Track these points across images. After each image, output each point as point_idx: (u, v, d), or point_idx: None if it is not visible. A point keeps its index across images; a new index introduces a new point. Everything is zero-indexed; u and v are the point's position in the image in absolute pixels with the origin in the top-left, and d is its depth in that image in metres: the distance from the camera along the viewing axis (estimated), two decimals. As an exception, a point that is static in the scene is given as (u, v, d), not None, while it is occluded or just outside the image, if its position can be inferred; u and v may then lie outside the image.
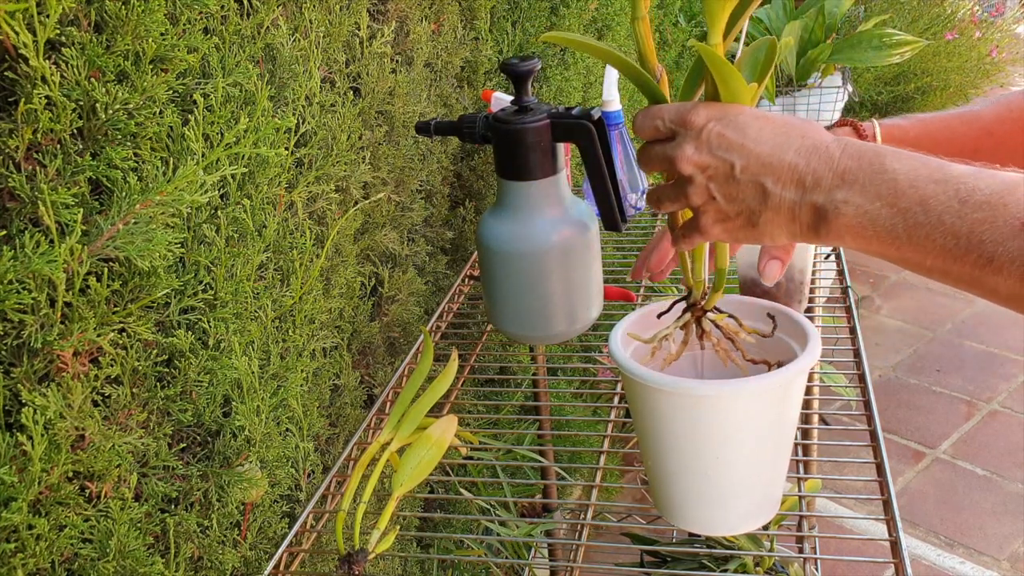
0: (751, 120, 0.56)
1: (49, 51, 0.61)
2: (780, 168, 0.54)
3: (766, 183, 0.55)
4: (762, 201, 0.55)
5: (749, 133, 0.55)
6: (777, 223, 0.56)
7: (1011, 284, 0.48)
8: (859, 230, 0.52)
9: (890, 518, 0.77)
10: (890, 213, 0.51)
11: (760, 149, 0.55)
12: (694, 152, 0.57)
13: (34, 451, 0.60)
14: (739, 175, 0.55)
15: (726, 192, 0.56)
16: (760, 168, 0.55)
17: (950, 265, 0.50)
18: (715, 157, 0.56)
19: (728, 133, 0.56)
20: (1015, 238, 0.47)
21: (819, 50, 2.36)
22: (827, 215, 0.53)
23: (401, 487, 0.79)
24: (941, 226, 0.49)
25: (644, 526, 1.60)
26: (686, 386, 0.64)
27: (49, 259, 0.59)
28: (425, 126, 0.93)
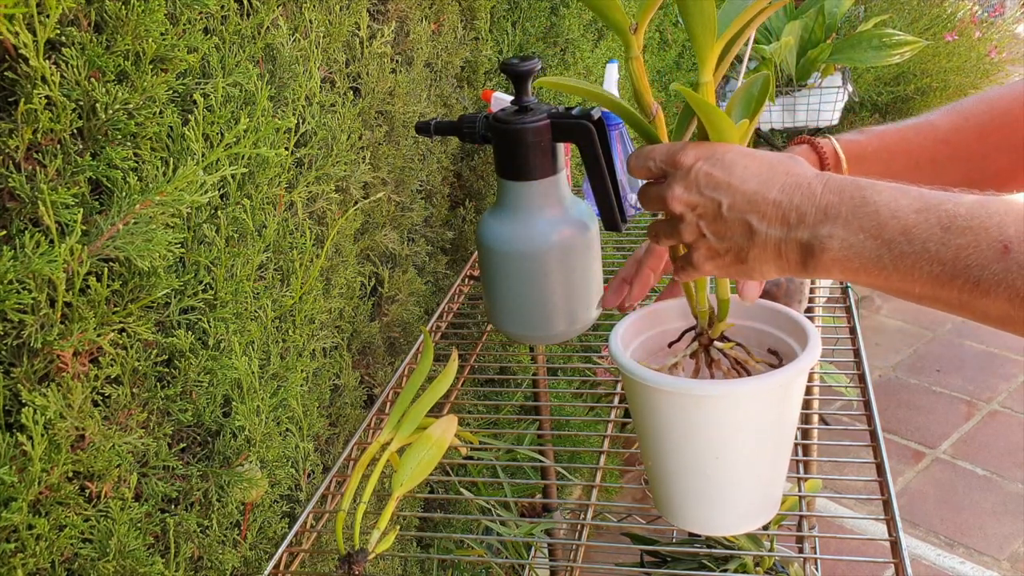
0: (737, 158, 0.58)
1: (49, 51, 0.61)
2: (765, 206, 0.56)
3: (752, 221, 0.56)
4: (749, 238, 0.57)
5: (735, 172, 0.57)
6: (764, 259, 0.57)
7: (1000, 306, 0.49)
8: (845, 263, 0.54)
9: (890, 518, 0.77)
10: (875, 245, 0.52)
11: (746, 187, 0.57)
12: (683, 192, 0.59)
13: (34, 451, 0.60)
14: (726, 213, 0.57)
15: (715, 230, 0.58)
16: (746, 206, 0.56)
17: (938, 291, 0.51)
18: (703, 196, 0.58)
19: (715, 172, 0.57)
20: (999, 261, 0.48)
21: (819, 50, 2.36)
22: (813, 250, 0.54)
23: (401, 487, 0.79)
24: (926, 254, 0.50)
25: (644, 526, 1.60)
26: (686, 386, 0.64)
27: (49, 259, 0.59)
28: (425, 126, 0.93)
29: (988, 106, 0.72)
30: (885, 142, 0.74)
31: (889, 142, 0.74)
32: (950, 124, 0.73)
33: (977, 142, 0.72)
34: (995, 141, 0.71)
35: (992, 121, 0.71)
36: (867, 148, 0.73)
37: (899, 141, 0.73)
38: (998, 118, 0.71)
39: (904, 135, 0.74)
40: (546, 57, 1.65)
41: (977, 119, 0.72)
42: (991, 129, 0.71)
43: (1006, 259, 0.48)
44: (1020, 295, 0.48)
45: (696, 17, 0.57)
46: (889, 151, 0.73)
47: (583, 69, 1.80)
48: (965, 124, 0.72)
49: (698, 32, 0.58)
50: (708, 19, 0.57)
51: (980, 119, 0.72)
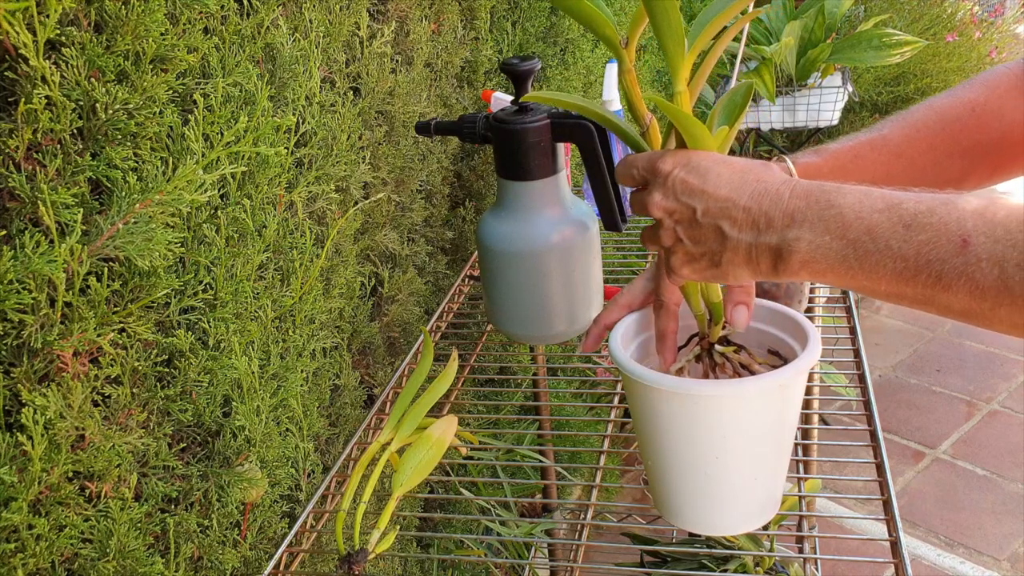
0: (712, 165, 0.59)
1: (49, 51, 0.61)
2: (736, 211, 0.57)
3: (724, 226, 0.58)
4: (722, 243, 0.58)
5: (709, 178, 0.59)
6: (737, 263, 0.59)
7: (962, 299, 0.50)
8: (813, 264, 0.55)
9: (890, 518, 0.77)
10: (840, 245, 0.54)
11: (719, 193, 0.58)
12: (662, 198, 0.61)
13: (34, 451, 0.60)
14: (701, 219, 0.59)
15: (690, 235, 0.60)
16: (719, 212, 0.58)
17: (903, 288, 0.52)
18: (679, 202, 0.60)
19: (690, 179, 0.59)
20: (959, 255, 0.50)
21: (819, 50, 2.36)
22: (782, 253, 0.56)
23: (401, 487, 0.79)
24: (889, 251, 0.52)
25: (644, 526, 1.60)
26: (686, 386, 0.64)
27: (49, 259, 0.59)
28: (425, 126, 0.93)
29: (937, 115, 0.73)
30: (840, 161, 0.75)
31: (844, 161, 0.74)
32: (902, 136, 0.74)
33: (929, 152, 0.73)
34: (945, 149, 0.72)
35: (943, 130, 0.72)
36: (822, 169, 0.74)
37: (853, 159, 0.74)
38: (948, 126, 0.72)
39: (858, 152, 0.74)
40: (546, 57, 1.65)
41: (928, 129, 0.73)
42: (941, 139, 0.72)
43: (965, 253, 0.49)
44: (980, 288, 0.49)
45: (665, 29, 0.59)
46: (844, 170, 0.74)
47: (583, 69, 1.80)
48: (916, 135, 0.73)
49: (668, 44, 0.60)
50: (676, 31, 0.59)
51: (931, 129, 0.73)
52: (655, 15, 0.58)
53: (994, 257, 0.49)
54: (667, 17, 0.58)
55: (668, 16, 0.58)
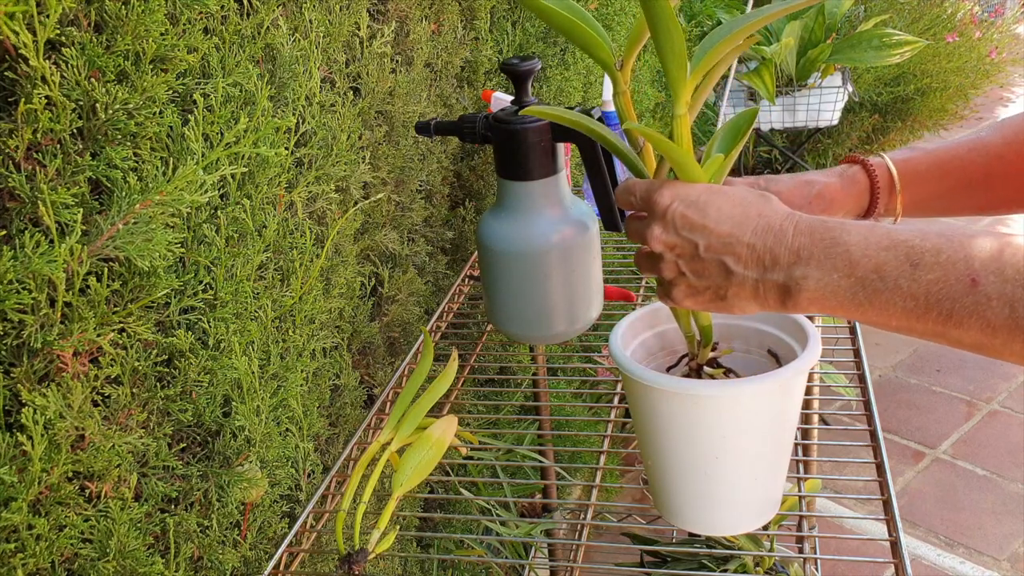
0: (711, 199, 0.59)
1: (49, 51, 0.61)
2: (740, 248, 0.58)
3: (728, 262, 0.58)
4: (727, 278, 0.59)
5: (710, 213, 0.59)
6: (743, 297, 0.59)
7: (974, 336, 0.52)
8: (822, 301, 0.56)
9: (890, 518, 0.77)
10: (848, 283, 0.54)
11: (721, 229, 0.58)
12: (661, 232, 0.60)
13: (34, 451, 0.60)
14: (703, 254, 0.59)
15: (693, 269, 0.60)
16: (722, 248, 0.58)
17: (914, 324, 0.53)
18: (680, 237, 0.60)
19: (690, 214, 0.59)
20: (969, 294, 0.51)
21: (819, 50, 2.36)
22: (790, 291, 0.56)
23: (401, 487, 0.79)
24: (899, 290, 0.53)
25: (644, 526, 1.60)
26: (686, 386, 0.64)
27: (49, 259, 0.59)
28: (425, 126, 0.93)
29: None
30: (939, 159, 0.75)
31: (943, 159, 0.74)
32: (1002, 139, 0.74)
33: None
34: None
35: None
36: (920, 166, 0.74)
37: (952, 159, 0.74)
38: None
39: (956, 152, 0.74)
40: (546, 57, 1.65)
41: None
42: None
43: (975, 292, 0.50)
44: (992, 325, 0.50)
45: (668, 52, 0.58)
46: (942, 169, 0.74)
47: (583, 69, 1.80)
48: (1015, 138, 0.73)
49: (671, 67, 0.59)
50: (679, 55, 0.58)
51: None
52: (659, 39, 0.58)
53: (1004, 296, 0.50)
54: (671, 41, 0.57)
55: (672, 40, 0.57)
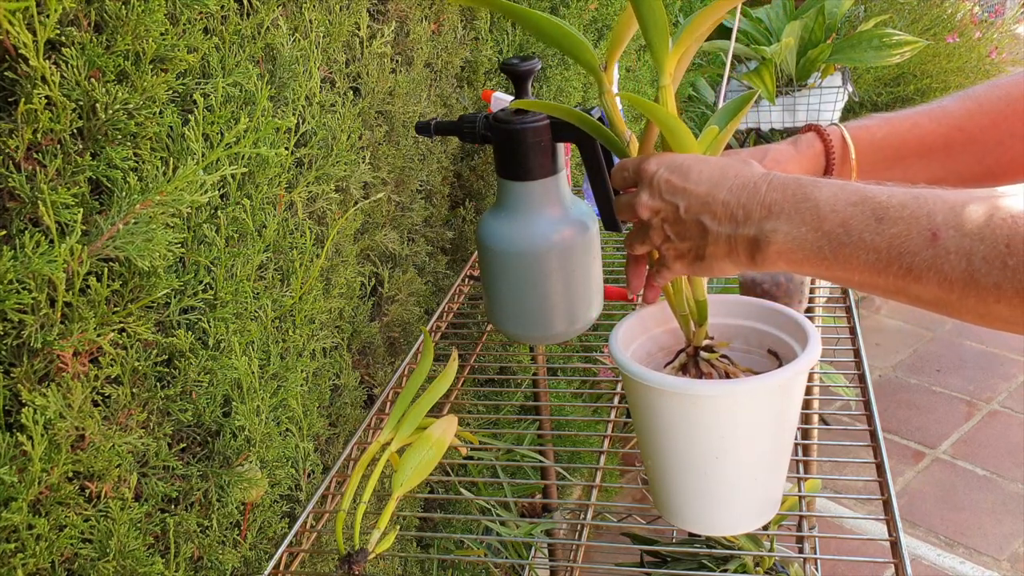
0: (693, 164, 0.62)
1: (49, 51, 0.61)
2: (715, 206, 0.60)
3: (705, 220, 0.61)
4: (703, 236, 0.61)
5: (691, 176, 0.61)
6: (718, 255, 0.61)
7: (932, 290, 0.52)
8: (789, 254, 0.57)
9: (890, 518, 0.77)
10: (815, 236, 0.56)
11: (699, 190, 0.61)
12: (648, 198, 0.63)
13: (34, 451, 0.60)
14: (683, 215, 0.62)
15: (676, 231, 0.63)
16: (700, 207, 0.61)
17: (875, 279, 0.54)
18: (664, 201, 0.62)
19: (673, 179, 0.62)
20: (929, 247, 0.51)
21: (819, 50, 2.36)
22: (759, 244, 0.58)
23: (401, 487, 0.79)
24: (862, 244, 0.54)
25: (644, 526, 1.60)
26: (686, 386, 0.64)
27: (49, 259, 0.59)
28: (425, 126, 0.93)
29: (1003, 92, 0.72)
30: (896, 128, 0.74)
31: (900, 128, 0.74)
32: (964, 110, 0.73)
33: (992, 129, 0.72)
34: (1009, 128, 0.72)
35: (1008, 107, 0.72)
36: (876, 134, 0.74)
37: (911, 127, 0.74)
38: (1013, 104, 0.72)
39: (916, 121, 0.74)
40: (546, 57, 1.65)
41: (992, 105, 0.72)
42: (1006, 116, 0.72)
43: (935, 246, 0.51)
44: (949, 279, 0.51)
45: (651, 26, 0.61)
46: (900, 137, 0.74)
47: (583, 70, 1.80)
48: (979, 110, 0.73)
49: (654, 39, 0.62)
50: (661, 28, 0.61)
51: (995, 105, 0.72)
52: (641, 12, 0.60)
53: (962, 250, 0.50)
54: (652, 14, 0.60)
55: (655, 16, 0.60)
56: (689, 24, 0.62)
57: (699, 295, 0.68)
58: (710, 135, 0.65)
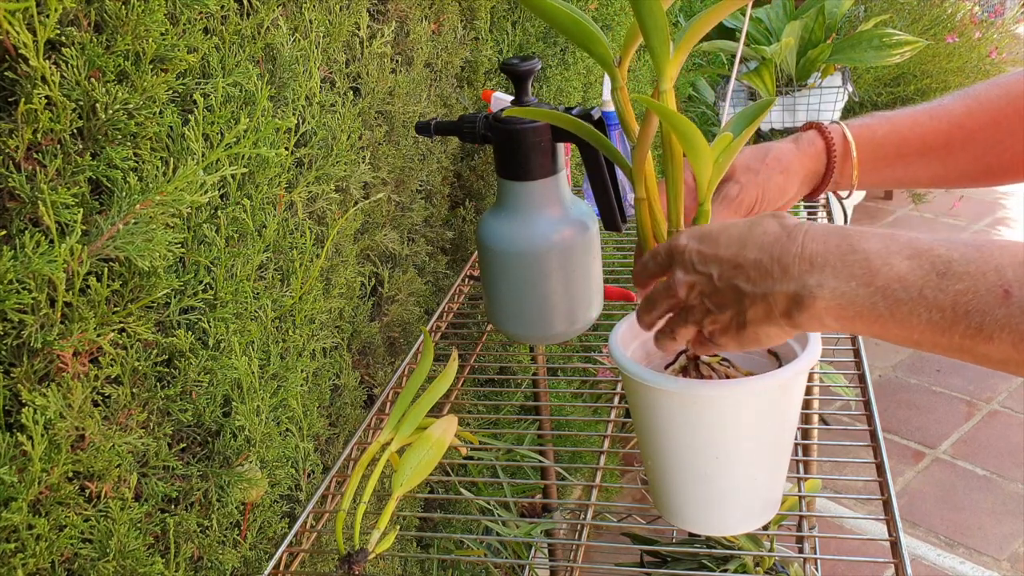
0: (720, 229, 0.58)
1: (49, 51, 0.61)
2: (746, 266, 0.56)
3: (739, 283, 0.56)
4: (740, 301, 0.56)
5: (720, 241, 0.57)
6: (758, 319, 0.56)
7: (1004, 350, 0.48)
8: (838, 311, 0.52)
9: (890, 518, 0.77)
10: (868, 292, 0.51)
11: (728, 253, 0.57)
12: (683, 274, 0.59)
13: (34, 451, 0.60)
14: (718, 283, 0.57)
15: (715, 302, 0.58)
16: (732, 271, 0.56)
17: (938, 338, 0.50)
18: (698, 273, 0.58)
19: (703, 248, 0.58)
20: (1001, 306, 0.48)
21: (819, 50, 2.36)
22: (802, 300, 0.53)
23: (401, 487, 0.79)
24: (923, 301, 0.50)
25: (644, 526, 1.60)
26: (686, 386, 0.64)
27: (49, 259, 0.59)
28: (425, 126, 0.93)
29: (1003, 91, 0.72)
30: (897, 126, 0.73)
31: (901, 126, 0.73)
32: (964, 108, 0.72)
33: (991, 127, 0.71)
34: (1009, 125, 0.71)
35: (1008, 106, 0.71)
36: (877, 132, 0.73)
37: (912, 125, 0.73)
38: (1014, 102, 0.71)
39: (916, 119, 0.73)
40: (546, 57, 1.65)
41: (991, 103, 0.72)
42: (1006, 114, 0.71)
43: (1008, 304, 0.47)
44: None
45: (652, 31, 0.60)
46: (900, 135, 0.73)
47: (583, 69, 1.80)
48: (979, 108, 0.72)
49: (654, 44, 0.60)
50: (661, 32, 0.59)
51: (995, 104, 0.71)
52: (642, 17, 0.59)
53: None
54: (653, 20, 0.59)
55: (655, 19, 0.59)
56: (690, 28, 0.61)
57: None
58: (723, 141, 0.63)
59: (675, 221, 0.66)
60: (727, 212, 0.71)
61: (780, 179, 0.73)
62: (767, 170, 0.72)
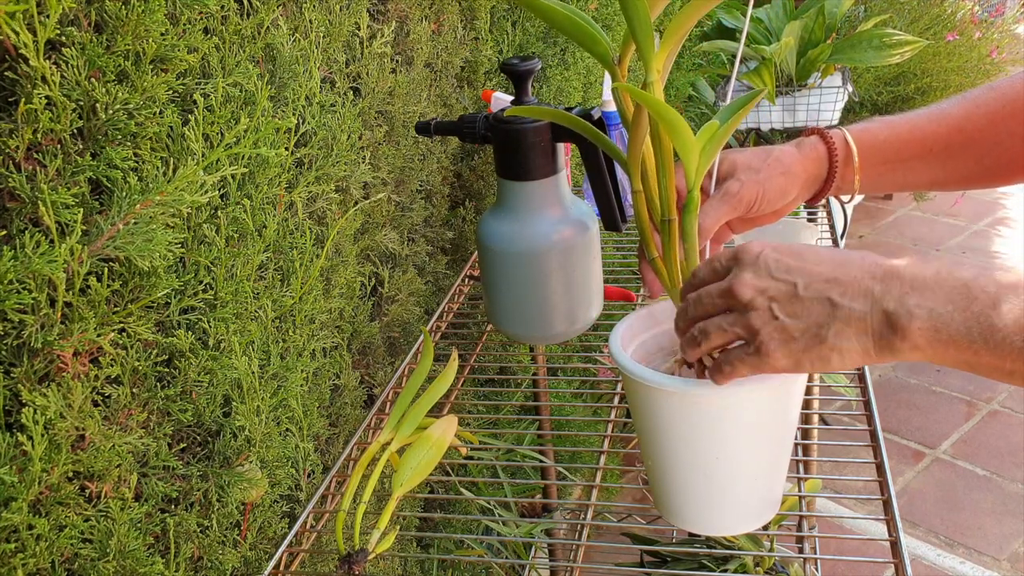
0: (805, 247, 0.58)
1: (49, 51, 0.61)
2: (847, 281, 0.55)
3: (833, 295, 0.55)
4: (830, 314, 0.55)
5: (807, 257, 0.57)
6: (847, 335, 0.55)
7: None
8: (932, 334, 0.52)
9: (890, 518, 0.77)
10: (964, 317, 0.51)
11: (821, 269, 0.56)
12: (753, 277, 0.57)
13: (34, 451, 0.60)
14: (803, 292, 0.56)
15: (790, 311, 0.56)
16: (825, 284, 0.55)
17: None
18: (775, 280, 0.57)
19: (785, 259, 0.57)
20: None
21: (819, 50, 2.36)
22: (899, 320, 0.53)
23: (401, 487, 0.79)
24: (1019, 329, 0.50)
25: (644, 526, 1.60)
26: (686, 386, 0.64)
27: (49, 259, 0.59)
28: (425, 126, 0.93)
29: (998, 94, 0.73)
30: (897, 131, 0.74)
31: (901, 130, 0.74)
32: (962, 112, 0.73)
33: (989, 129, 0.72)
34: (1007, 128, 0.72)
35: (1004, 109, 0.72)
36: (879, 136, 0.74)
37: (911, 129, 0.74)
38: (1009, 105, 0.72)
39: (916, 123, 0.74)
40: (546, 57, 1.65)
41: (988, 107, 0.73)
42: (1002, 116, 0.72)
43: None
44: None
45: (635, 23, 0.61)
46: (901, 139, 0.74)
47: (583, 69, 1.80)
48: (976, 111, 0.73)
49: (639, 35, 0.61)
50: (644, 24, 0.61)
51: (991, 107, 0.72)
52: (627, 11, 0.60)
53: None
54: (637, 13, 0.60)
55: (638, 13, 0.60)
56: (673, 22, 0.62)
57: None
58: (710, 130, 0.64)
59: (667, 208, 0.66)
60: (726, 207, 0.71)
61: (781, 181, 0.73)
62: (768, 170, 0.73)
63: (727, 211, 0.71)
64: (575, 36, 0.65)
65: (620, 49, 0.67)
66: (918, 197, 3.63)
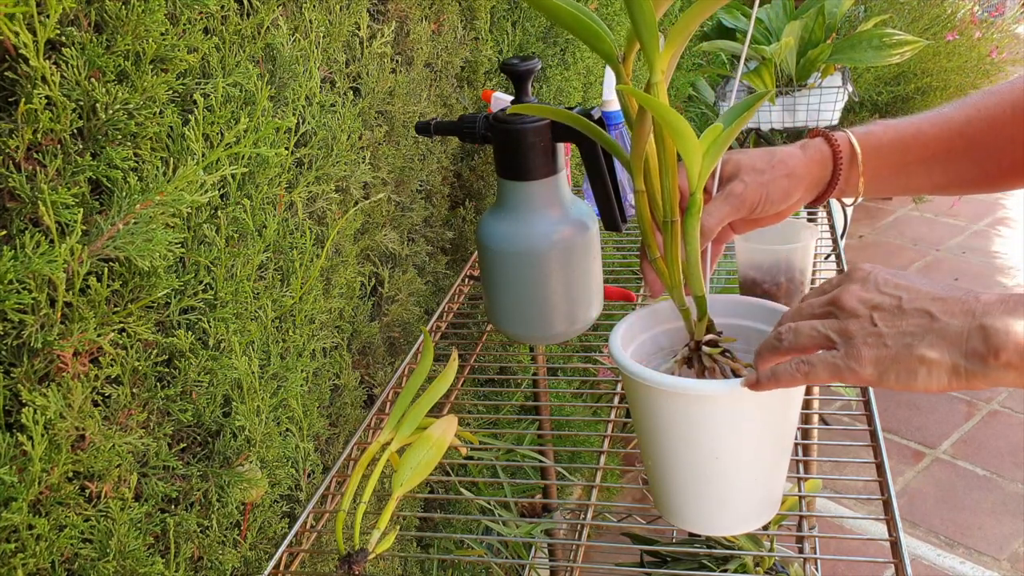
0: (914, 275, 0.60)
1: (49, 51, 0.61)
2: (949, 301, 0.56)
3: (933, 310, 0.56)
4: (927, 326, 0.56)
5: (915, 280, 0.59)
6: (940, 347, 0.55)
7: None
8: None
9: (890, 518, 0.77)
10: None
11: (926, 287, 0.58)
12: (860, 289, 0.59)
13: (34, 451, 0.60)
14: (906, 305, 0.57)
15: (890, 321, 0.57)
16: (929, 300, 0.57)
17: None
18: (882, 294, 0.59)
19: (895, 279, 0.59)
20: None
21: (819, 50, 2.36)
22: (996, 336, 0.53)
23: (401, 487, 0.79)
24: None
25: (644, 526, 1.60)
26: (686, 386, 0.64)
27: (49, 259, 0.59)
28: (425, 126, 0.93)
29: (998, 99, 0.73)
30: (900, 134, 0.75)
31: (904, 134, 0.75)
32: (963, 116, 0.74)
33: (990, 134, 0.73)
34: (1008, 134, 0.72)
35: (1003, 113, 0.72)
36: (882, 139, 0.74)
37: (915, 133, 0.74)
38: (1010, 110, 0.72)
39: (919, 127, 0.74)
40: (546, 57, 1.65)
41: (988, 111, 0.73)
42: (1003, 122, 0.72)
43: None
44: None
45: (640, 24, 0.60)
46: (904, 143, 0.74)
47: (583, 69, 1.80)
48: (977, 116, 0.73)
49: (644, 36, 0.61)
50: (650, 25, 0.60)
51: (991, 111, 0.73)
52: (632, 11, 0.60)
53: None
54: (642, 13, 0.60)
55: (643, 12, 0.60)
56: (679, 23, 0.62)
57: (697, 291, 0.68)
58: (713, 133, 0.64)
59: (669, 209, 0.66)
60: (729, 209, 0.72)
61: (785, 182, 0.73)
62: (772, 172, 0.73)
63: (730, 212, 0.72)
64: (580, 33, 0.65)
65: (624, 47, 0.67)
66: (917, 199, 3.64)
